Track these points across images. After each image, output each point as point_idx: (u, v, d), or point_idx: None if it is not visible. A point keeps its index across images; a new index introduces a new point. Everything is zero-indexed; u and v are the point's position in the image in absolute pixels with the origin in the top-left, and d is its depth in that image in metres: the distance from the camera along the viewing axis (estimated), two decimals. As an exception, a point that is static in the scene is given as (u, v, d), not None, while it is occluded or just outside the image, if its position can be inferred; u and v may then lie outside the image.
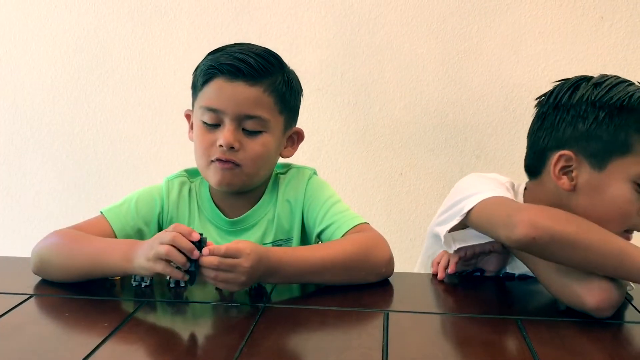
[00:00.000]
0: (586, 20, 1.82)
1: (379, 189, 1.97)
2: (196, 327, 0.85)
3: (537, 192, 1.03)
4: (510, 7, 1.85)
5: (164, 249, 0.85)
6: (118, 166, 2.11)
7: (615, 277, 0.84)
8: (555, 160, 0.97)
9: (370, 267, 0.98)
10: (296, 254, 0.98)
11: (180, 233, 0.86)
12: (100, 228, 1.04)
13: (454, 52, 1.84)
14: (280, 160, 1.18)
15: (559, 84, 1.02)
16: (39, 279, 1.00)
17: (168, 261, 0.86)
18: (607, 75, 0.99)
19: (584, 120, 0.96)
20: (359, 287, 0.95)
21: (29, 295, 0.94)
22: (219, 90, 1.02)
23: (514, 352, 0.71)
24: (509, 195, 0.98)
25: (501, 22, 1.85)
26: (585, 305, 0.83)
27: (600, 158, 0.95)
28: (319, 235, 1.08)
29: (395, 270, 1.01)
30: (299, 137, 1.14)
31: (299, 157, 1.15)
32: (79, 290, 0.95)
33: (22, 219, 2.19)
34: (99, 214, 1.07)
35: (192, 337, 0.80)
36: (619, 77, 0.98)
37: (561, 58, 1.85)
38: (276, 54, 1.08)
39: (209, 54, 1.08)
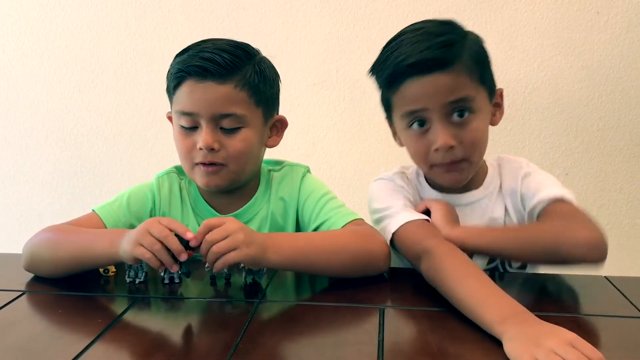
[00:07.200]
0: (582, 15, 1.83)
1: (375, 185, 1.97)
2: (191, 323, 0.84)
3: None
4: (506, 2, 1.85)
5: (149, 241, 0.84)
6: (112, 163, 2.11)
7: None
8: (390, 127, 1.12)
9: (370, 257, 0.97)
10: (296, 234, 0.98)
11: (173, 230, 0.85)
12: (93, 225, 1.04)
13: (450, 48, 1.84)
14: (273, 156, 1.17)
15: None
16: (31, 275, 1.00)
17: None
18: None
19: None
20: (354, 283, 0.95)
21: (21, 292, 0.93)
22: (190, 92, 1.00)
23: (511, 348, 0.71)
24: (404, 192, 1.10)
25: (497, 17, 1.85)
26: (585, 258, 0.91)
27: (390, 119, 1.09)
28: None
29: (390, 266, 1.01)
30: (282, 125, 1.12)
31: (294, 153, 1.14)
32: (72, 287, 0.95)
33: (16, 216, 2.19)
34: (91, 212, 1.07)
35: (187, 334, 0.80)
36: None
37: (557, 53, 1.85)
38: (244, 46, 1.04)
39: (177, 55, 1.05)
